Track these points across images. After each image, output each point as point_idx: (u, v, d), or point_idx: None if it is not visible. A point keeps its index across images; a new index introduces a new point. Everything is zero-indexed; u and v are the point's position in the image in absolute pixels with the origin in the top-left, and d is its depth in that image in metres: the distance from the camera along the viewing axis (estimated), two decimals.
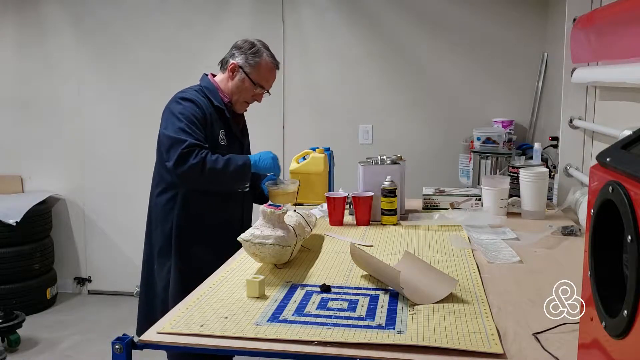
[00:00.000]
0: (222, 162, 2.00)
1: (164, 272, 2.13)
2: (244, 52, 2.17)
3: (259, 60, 2.17)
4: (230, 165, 2.02)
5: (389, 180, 2.17)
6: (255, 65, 2.16)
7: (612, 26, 1.99)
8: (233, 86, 2.18)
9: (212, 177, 1.99)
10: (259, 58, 2.17)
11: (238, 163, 2.04)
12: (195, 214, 2.12)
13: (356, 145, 3.83)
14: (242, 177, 2.07)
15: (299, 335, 1.17)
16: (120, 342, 1.15)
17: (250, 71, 2.16)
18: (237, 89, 2.18)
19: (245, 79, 2.16)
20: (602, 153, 0.88)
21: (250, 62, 2.16)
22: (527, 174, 2.28)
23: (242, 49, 2.18)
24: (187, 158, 1.96)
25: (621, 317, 0.74)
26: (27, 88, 4.22)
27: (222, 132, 2.14)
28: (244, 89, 2.18)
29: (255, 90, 2.19)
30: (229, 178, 2.04)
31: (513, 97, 3.69)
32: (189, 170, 1.96)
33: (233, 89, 2.18)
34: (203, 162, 1.97)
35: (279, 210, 1.60)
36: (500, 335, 1.17)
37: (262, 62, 2.17)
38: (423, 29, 3.74)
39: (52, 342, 3.47)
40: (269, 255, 1.56)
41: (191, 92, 2.13)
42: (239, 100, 2.20)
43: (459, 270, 1.61)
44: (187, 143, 1.97)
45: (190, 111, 2.05)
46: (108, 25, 4.07)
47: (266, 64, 2.18)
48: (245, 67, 2.16)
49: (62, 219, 4.31)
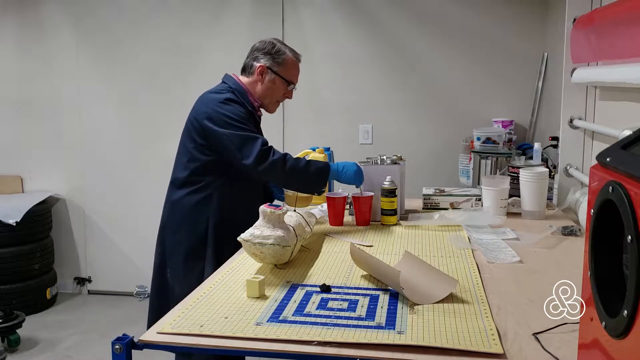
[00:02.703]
0: (303, 162, 2.07)
1: (194, 275, 2.06)
2: (268, 53, 2.18)
3: (285, 58, 2.19)
4: (311, 167, 2.07)
5: (389, 180, 2.17)
6: (282, 63, 2.18)
7: (612, 26, 1.99)
8: (264, 88, 2.19)
9: (292, 175, 2.04)
10: (284, 55, 2.19)
11: (319, 166, 2.09)
12: (230, 215, 2.11)
13: (356, 145, 3.83)
14: (321, 180, 2.10)
15: (299, 335, 1.17)
16: (120, 342, 1.15)
17: (280, 70, 2.18)
18: (269, 91, 2.19)
19: (276, 78, 2.18)
20: (602, 153, 0.88)
21: (277, 61, 2.18)
22: (527, 174, 2.28)
23: (265, 50, 2.19)
24: (267, 155, 2.00)
25: (621, 317, 0.74)
26: (27, 88, 4.22)
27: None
28: (275, 89, 2.19)
29: (287, 87, 2.22)
30: (309, 178, 2.08)
31: (513, 97, 3.68)
32: (270, 166, 2.00)
33: (265, 91, 2.19)
34: (284, 159, 2.02)
35: (279, 210, 1.60)
36: (500, 335, 1.17)
37: (287, 59, 2.19)
38: (423, 29, 3.74)
39: (52, 342, 3.47)
40: (269, 255, 1.56)
41: (228, 93, 2.13)
42: (271, 101, 2.22)
43: (459, 270, 1.61)
44: (260, 141, 2.02)
45: (239, 112, 2.07)
46: (108, 25, 4.07)
47: (291, 59, 2.21)
48: (274, 67, 2.17)
49: (62, 219, 4.31)
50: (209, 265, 2.06)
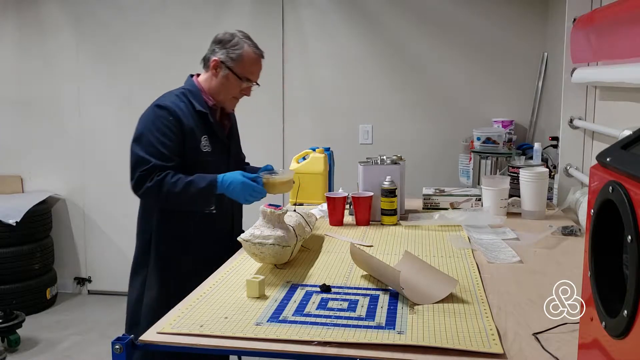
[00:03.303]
0: (182, 184, 1.88)
1: (138, 283, 2.04)
2: (224, 46, 2.04)
3: (240, 53, 2.02)
4: (190, 188, 1.89)
5: (389, 180, 2.17)
6: (237, 58, 2.02)
7: (612, 26, 1.99)
8: (218, 84, 2.05)
9: (170, 199, 1.90)
10: (241, 50, 2.02)
11: (200, 185, 1.90)
12: (177, 225, 2.02)
13: (356, 145, 3.83)
14: (204, 200, 1.92)
15: (299, 335, 1.17)
16: (120, 342, 1.15)
17: (234, 65, 2.02)
18: (222, 87, 2.05)
19: (230, 74, 2.03)
20: (602, 153, 0.88)
21: (232, 56, 2.02)
22: (527, 174, 2.28)
23: (222, 43, 2.05)
24: (144, 181, 1.88)
25: (621, 317, 0.74)
26: (27, 88, 4.22)
27: (205, 139, 2.01)
28: (229, 85, 2.04)
29: (242, 84, 2.05)
30: (189, 201, 1.91)
31: (513, 97, 3.69)
32: (145, 192, 1.90)
33: (218, 86, 2.05)
34: (160, 185, 1.88)
35: (279, 210, 1.60)
36: (500, 335, 1.17)
37: (244, 54, 2.03)
38: (423, 29, 3.74)
39: (52, 342, 3.47)
40: (269, 255, 1.56)
41: (170, 97, 2.02)
42: (226, 98, 2.07)
43: (459, 270, 1.61)
44: (149, 166, 1.88)
45: (164, 122, 1.94)
46: (108, 25, 4.07)
47: (249, 55, 2.04)
48: (228, 62, 2.02)
49: (62, 219, 4.31)
50: (154, 276, 2.01)
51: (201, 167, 1.96)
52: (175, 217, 2.01)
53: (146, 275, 2.02)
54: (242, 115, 4.33)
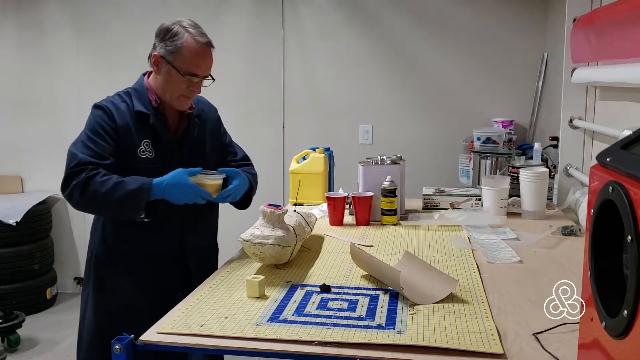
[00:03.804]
0: (111, 184, 1.67)
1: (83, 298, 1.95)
2: (162, 39, 1.81)
3: (179, 44, 1.78)
4: (118, 190, 1.66)
5: (389, 180, 2.17)
6: (176, 50, 1.78)
7: (612, 26, 1.99)
8: (162, 82, 1.83)
9: (93, 202, 1.69)
10: (180, 41, 1.78)
11: (129, 187, 1.67)
12: (114, 243, 1.85)
13: (356, 145, 3.83)
14: (131, 204, 1.68)
15: (299, 335, 1.17)
16: (120, 342, 1.15)
17: (173, 59, 1.79)
18: (166, 84, 1.82)
19: (171, 69, 1.79)
20: (602, 153, 0.88)
21: (170, 49, 1.78)
22: (527, 174, 2.28)
23: (161, 35, 1.82)
24: (71, 179, 1.69)
25: (621, 317, 0.74)
26: (27, 88, 4.22)
27: (146, 143, 1.80)
28: (173, 82, 1.80)
29: (187, 80, 1.80)
30: (114, 204, 1.68)
31: (513, 97, 3.68)
32: (70, 192, 1.69)
33: (163, 85, 1.83)
34: (85, 183, 1.66)
35: (279, 210, 1.61)
36: (500, 335, 1.17)
37: (183, 46, 1.78)
38: (423, 29, 3.74)
39: (52, 342, 3.47)
40: (269, 255, 1.56)
41: (113, 97, 1.87)
42: (173, 96, 1.83)
43: (459, 270, 1.61)
44: (77, 161, 1.70)
45: (97, 120, 1.79)
46: (108, 25, 4.07)
47: (189, 46, 1.78)
48: (167, 56, 1.79)
49: (62, 219, 4.31)
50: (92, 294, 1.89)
51: (143, 176, 1.73)
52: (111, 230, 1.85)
53: (87, 297, 1.90)
54: (242, 115, 4.33)
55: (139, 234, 1.81)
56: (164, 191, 1.68)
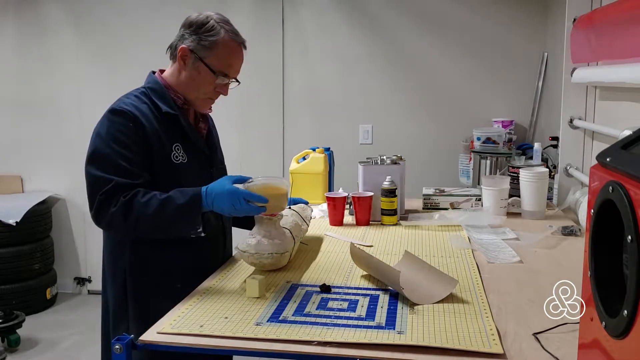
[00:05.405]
0: (156, 204, 1.48)
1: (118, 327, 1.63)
2: (195, 32, 1.64)
3: (216, 40, 1.62)
4: (166, 208, 1.48)
5: (389, 180, 2.17)
6: (211, 46, 1.62)
7: (612, 26, 1.99)
8: (187, 78, 1.65)
9: (142, 225, 1.49)
10: (217, 37, 1.62)
11: (179, 202, 1.49)
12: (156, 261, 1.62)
13: (356, 145, 3.83)
14: (185, 220, 1.51)
15: (299, 335, 1.17)
16: (120, 342, 1.15)
17: (206, 55, 1.63)
18: (192, 82, 1.65)
19: (201, 66, 1.63)
20: (602, 153, 0.88)
21: (204, 44, 1.62)
22: (527, 174, 2.28)
23: (193, 28, 1.64)
24: (107, 206, 1.49)
25: (621, 317, 0.74)
26: (27, 88, 4.22)
27: (178, 147, 1.62)
28: (201, 80, 1.64)
29: (217, 80, 1.65)
30: (165, 225, 1.50)
31: (513, 97, 3.69)
32: (109, 221, 1.50)
33: (188, 82, 1.66)
34: (127, 208, 1.48)
35: (274, 217, 1.59)
36: (500, 335, 1.17)
37: (219, 42, 1.62)
38: (423, 29, 3.74)
39: (52, 342, 3.47)
40: (267, 263, 1.55)
41: (128, 99, 1.63)
42: (198, 96, 1.67)
43: (459, 270, 1.61)
44: (110, 186, 1.49)
45: (120, 130, 1.55)
46: (108, 25, 4.08)
47: (226, 43, 1.63)
48: (200, 52, 1.62)
49: (62, 219, 4.31)
50: (134, 323, 1.59)
51: (177, 184, 1.55)
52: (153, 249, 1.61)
53: (127, 328, 1.60)
54: (242, 115, 4.33)
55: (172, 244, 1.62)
56: (212, 202, 1.49)
